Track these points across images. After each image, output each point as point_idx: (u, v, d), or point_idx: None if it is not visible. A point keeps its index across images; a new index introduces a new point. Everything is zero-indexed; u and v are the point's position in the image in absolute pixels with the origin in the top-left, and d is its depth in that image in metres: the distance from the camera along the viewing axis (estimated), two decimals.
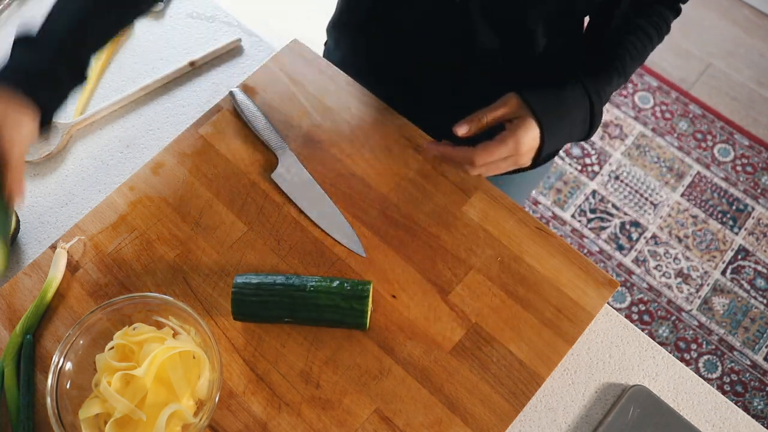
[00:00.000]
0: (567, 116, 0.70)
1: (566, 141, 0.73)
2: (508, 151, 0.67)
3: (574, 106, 0.70)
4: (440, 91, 0.85)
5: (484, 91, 0.79)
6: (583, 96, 0.70)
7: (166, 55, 0.93)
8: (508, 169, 0.69)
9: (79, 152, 0.86)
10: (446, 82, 0.83)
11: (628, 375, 0.73)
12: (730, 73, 2.09)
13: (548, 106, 0.69)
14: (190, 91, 0.90)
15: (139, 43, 0.94)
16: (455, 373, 0.70)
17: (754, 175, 1.93)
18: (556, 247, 0.77)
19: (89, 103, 0.89)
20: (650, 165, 1.94)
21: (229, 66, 0.92)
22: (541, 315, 0.73)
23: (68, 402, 0.63)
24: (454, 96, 0.84)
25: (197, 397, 0.65)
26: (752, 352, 1.69)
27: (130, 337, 0.65)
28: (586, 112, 0.71)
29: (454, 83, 0.83)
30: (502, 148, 0.67)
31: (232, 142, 0.83)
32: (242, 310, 0.69)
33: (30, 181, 0.83)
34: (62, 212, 0.81)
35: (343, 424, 0.68)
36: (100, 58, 0.91)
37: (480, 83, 0.80)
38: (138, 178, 0.80)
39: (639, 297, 1.76)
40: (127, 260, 0.75)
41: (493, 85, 0.77)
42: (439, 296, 0.74)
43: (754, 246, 1.83)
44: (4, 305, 0.73)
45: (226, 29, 0.95)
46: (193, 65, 0.91)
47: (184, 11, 0.96)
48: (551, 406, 0.71)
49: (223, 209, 0.78)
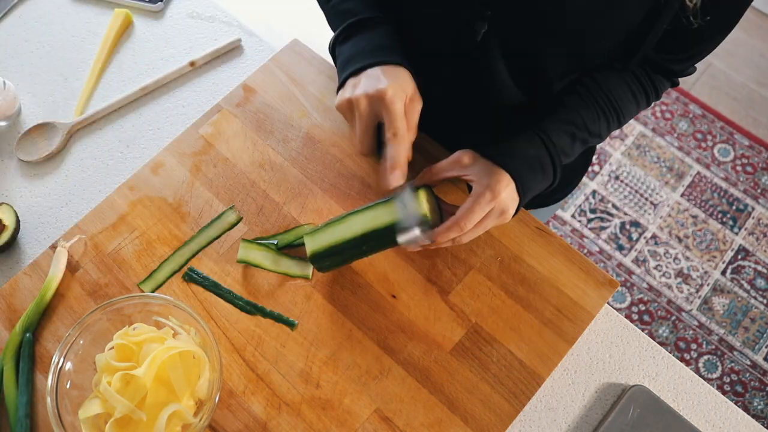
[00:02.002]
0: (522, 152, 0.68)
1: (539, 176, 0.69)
2: (486, 201, 0.65)
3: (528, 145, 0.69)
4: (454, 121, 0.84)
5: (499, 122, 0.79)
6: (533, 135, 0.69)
7: (166, 55, 0.93)
8: (495, 223, 0.67)
9: (79, 152, 0.86)
10: (461, 113, 0.82)
11: (628, 375, 0.73)
12: (730, 73, 2.09)
13: (503, 148, 0.68)
14: (190, 91, 0.90)
15: (139, 43, 0.94)
16: (455, 373, 0.70)
17: (754, 175, 1.93)
18: (556, 247, 0.77)
19: (89, 103, 0.89)
20: (650, 165, 1.94)
21: (229, 66, 0.92)
22: (541, 315, 0.73)
23: (68, 402, 0.63)
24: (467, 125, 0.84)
25: (197, 397, 0.65)
26: (752, 352, 1.69)
27: (130, 337, 0.65)
28: (541, 149, 0.69)
29: (468, 115, 0.82)
30: (480, 200, 0.65)
31: (232, 142, 0.83)
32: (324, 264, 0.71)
33: (30, 181, 0.83)
34: (62, 212, 0.81)
35: (343, 424, 0.68)
36: (100, 59, 0.91)
37: (496, 116, 0.80)
38: (138, 178, 0.80)
39: (639, 297, 1.76)
40: (127, 260, 0.75)
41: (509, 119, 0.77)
42: (439, 296, 0.74)
43: (754, 246, 1.83)
44: (3, 305, 0.73)
45: (226, 29, 0.95)
46: (193, 65, 0.91)
47: (184, 11, 0.96)
48: (551, 406, 0.71)
49: (222, 209, 0.78)
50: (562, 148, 0.70)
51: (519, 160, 0.67)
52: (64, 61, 0.92)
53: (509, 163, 0.67)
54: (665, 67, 0.72)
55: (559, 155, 0.70)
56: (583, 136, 0.71)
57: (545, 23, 0.65)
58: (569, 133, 0.70)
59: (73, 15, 0.96)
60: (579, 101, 0.71)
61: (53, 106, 0.89)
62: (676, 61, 0.71)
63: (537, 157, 0.69)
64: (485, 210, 0.65)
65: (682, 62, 0.72)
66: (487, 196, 0.65)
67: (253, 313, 0.73)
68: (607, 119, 0.72)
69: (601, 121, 0.72)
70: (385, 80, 0.66)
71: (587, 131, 0.71)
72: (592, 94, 0.71)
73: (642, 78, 0.73)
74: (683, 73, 0.74)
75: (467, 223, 0.65)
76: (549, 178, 0.70)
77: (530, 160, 0.68)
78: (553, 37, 0.66)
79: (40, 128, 0.86)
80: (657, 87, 0.74)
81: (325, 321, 0.72)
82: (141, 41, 0.94)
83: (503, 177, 0.66)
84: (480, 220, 0.66)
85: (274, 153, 0.82)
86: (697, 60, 0.71)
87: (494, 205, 0.66)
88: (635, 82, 0.73)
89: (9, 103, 0.86)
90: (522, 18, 0.65)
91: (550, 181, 0.71)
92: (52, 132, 0.86)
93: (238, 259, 0.75)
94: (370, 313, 0.73)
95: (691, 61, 0.71)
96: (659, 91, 0.75)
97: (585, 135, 0.71)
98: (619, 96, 0.72)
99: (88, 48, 0.93)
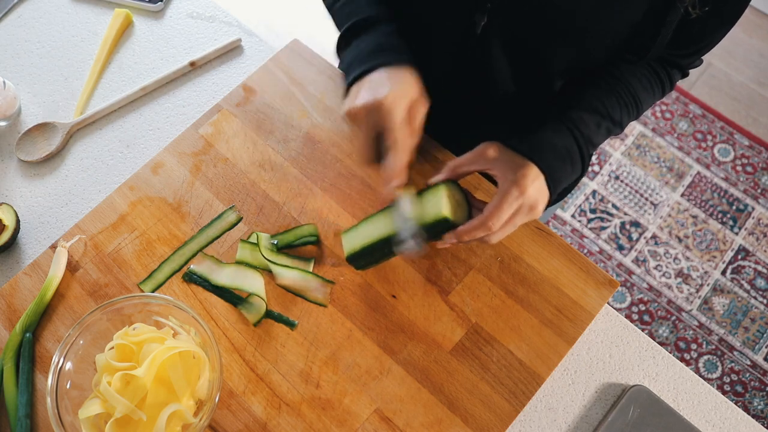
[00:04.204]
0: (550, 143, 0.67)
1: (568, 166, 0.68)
2: (514, 198, 0.62)
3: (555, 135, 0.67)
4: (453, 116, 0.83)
5: (498, 119, 0.78)
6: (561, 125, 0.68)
7: (166, 55, 0.93)
8: (525, 219, 0.65)
9: (79, 152, 0.86)
10: (460, 108, 0.82)
11: (628, 375, 0.73)
12: (730, 73, 2.09)
13: (529, 139, 0.66)
14: (190, 91, 0.90)
15: (139, 43, 0.94)
16: (455, 373, 0.70)
17: (754, 175, 1.93)
18: (556, 247, 0.77)
19: (89, 103, 0.89)
20: (650, 165, 1.94)
21: (229, 66, 0.92)
22: (541, 315, 0.73)
23: (68, 402, 0.63)
24: (466, 121, 0.84)
25: (197, 397, 0.65)
26: (752, 352, 1.69)
27: (130, 337, 0.65)
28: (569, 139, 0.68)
29: (468, 110, 0.82)
30: (507, 197, 0.62)
31: (232, 142, 0.83)
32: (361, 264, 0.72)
33: (30, 181, 0.84)
34: (62, 212, 0.81)
35: (343, 424, 0.68)
36: (100, 59, 0.91)
37: (494, 112, 0.79)
38: (138, 178, 0.80)
39: (639, 297, 1.76)
40: (127, 260, 0.75)
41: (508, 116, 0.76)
42: (439, 296, 0.74)
43: (754, 246, 1.83)
44: (3, 305, 0.73)
45: (226, 29, 0.95)
46: (193, 65, 0.91)
47: (184, 11, 0.96)
48: (551, 406, 0.71)
49: (222, 209, 0.78)
50: (589, 138, 0.68)
51: (547, 152, 0.65)
52: (64, 61, 0.92)
53: (537, 155, 0.64)
54: (674, 62, 0.73)
55: (587, 145, 0.68)
56: (608, 125, 0.70)
57: (545, 15, 0.64)
58: (595, 123, 0.69)
59: (73, 15, 0.96)
60: (600, 91, 0.71)
61: (53, 106, 0.89)
62: (684, 56, 0.72)
63: (566, 148, 0.67)
64: (513, 207, 0.63)
65: (690, 56, 0.72)
66: (514, 193, 0.63)
67: (252, 312, 0.73)
68: (627, 109, 0.72)
69: (622, 110, 0.71)
70: (385, 87, 0.64)
71: (611, 120, 0.70)
72: (611, 83, 0.71)
73: (657, 69, 0.73)
74: (692, 65, 0.75)
75: (495, 222, 0.62)
76: (578, 170, 0.69)
77: (559, 152, 0.66)
78: (552, 30, 0.65)
79: (40, 128, 0.86)
80: (671, 78, 0.74)
81: (325, 321, 0.72)
82: (141, 41, 0.94)
83: (530, 171, 0.63)
84: (509, 217, 0.63)
85: (274, 153, 0.82)
86: (705, 53, 0.71)
87: (522, 202, 0.63)
88: (651, 73, 0.73)
89: (9, 103, 0.86)
90: (522, 10, 0.64)
91: (579, 172, 0.69)
92: (52, 132, 0.86)
93: (237, 259, 0.75)
94: (370, 313, 0.73)
95: (699, 54, 0.72)
96: (673, 82, 0.75)
97: (609, 124, 0.70)
98: (637, 86, 0.72)
99: (88, 48, 0.93)
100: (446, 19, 0.69)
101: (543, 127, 0.68)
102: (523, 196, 0.63)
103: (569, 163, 0.67)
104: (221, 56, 0.93)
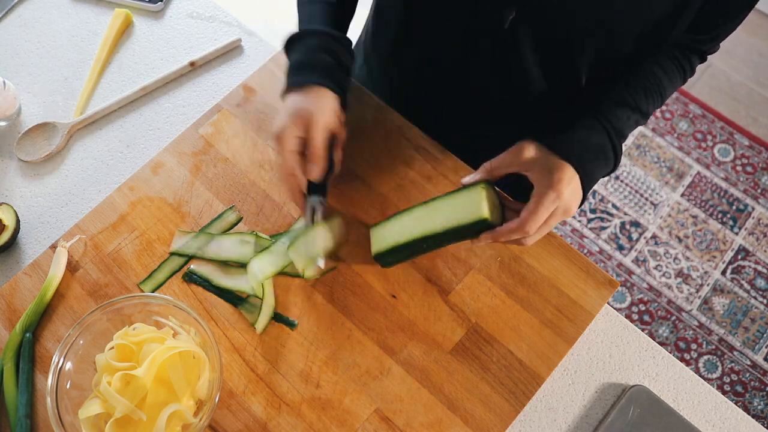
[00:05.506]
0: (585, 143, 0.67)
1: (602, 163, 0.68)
2: (551, 201, 0.62)
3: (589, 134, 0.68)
4: (470, 116, 0.83)
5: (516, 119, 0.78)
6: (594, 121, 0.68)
7: (166, 55, 0.93)
8: (559, 221, 0.65)
9: (79, 152, 0.86)
10: (478, 106, 0.81)
11: (628, 375, 0.73)
12: (730, 73, 2.09)
13: (565, 139, 0.66)
14: (190, 91, 0.90)
15: (139, 43, 0.94)
16: (455, 373, 0.70)
17: (754, 175, 1.93)
18: (556, 247, 0.77)
19: (89, 103, 0.89)
20: (650, 165, 1.94)
21: (229, 66, 0.92)
22: (541, 315, 0.73)
23: (68, 402, 0.63)
24: (482, 121, 0.83)
25: (197, 397, 0.65)
26: (752, 352, 1.69)
27: (130, 337, 0.65)
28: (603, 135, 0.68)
29: (485, 109, 0.81)
30: (544, 201, 0.62)
31: (232, 142, 0.83)
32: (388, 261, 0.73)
33: (30, 181, 0.83)
34: (62, 212, 0.81)
35: (343, 424, 0.68)
36: (100, 59, 0.91)
37: (514, 111, 0.79)
38: (138, 178, 0.80)
39: (639, 297, 1.76)
40: (127, 260, 0.75)
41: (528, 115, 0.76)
42: (439, 296, 0.74)
43: (754, 246, 1.83)
44: (3, 305, 0.73)
45: (226, 29, 0.95)
46: (193, 65, 0.91)
47: (184, 11, 0.96)
48: (551, 406, 0.71)
49: (222, 209, 0.78)
50: (621, 131, 0.69)
51: (583, 152, 0.65)
52: (64, 61, 0.92)
53: (573, 156, 0.64)
54: (694, 47, 0.73)
55: (619, 139, 0.68)
56: (636, 117, 0.70)
57: (575, 6, 0.63)
58: (626, 116, 0.69)
59: (73, 15, 0.96)
60: (628, 83, 0.71)
61: (53, 106, 0.89)
62: (704, 41, 0.72)
63: (600, 145, 0.67)
64: (549, 210, 0.63)
65: (710, 42, 0.73)
66: (551, 196, 0.63)
67: (253, 312, 0.73)
68: (653, 98, 0.72)
69: (649, 101, 0.71)
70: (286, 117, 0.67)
71: (639, 111, 0.70)
72: (638, 75, 0.71)
73: (679, 56, 0.73)
74: (711, 50, 0.75)
75: (532, 226, 0.63)
76: (610, 164, 0.69)
77: (593, 149, 0.66)
78: (582, 21, 0.65)
79: (40, 128, 0.86)
80: (692, 63, 0.75)
81: (325, 321, 0.72)
82: (141, 41, 0.94)
83: (566, 173, 0.63)
84: (547, 219, 0.64)
85: (274, 153, 0.82)
86: (723, 38, 0.72)
87: (558, 204, 0.63)
88: (673, 60, 0.73)
89: (9, 103, 0.86)
90: (549, 3, 0.64)
91: (611, 166, 0.69)
92: (52, 132, 0.86)
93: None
94: (370, 313, 0.73)
95: (718, 39, 0.73)
96: (693, 67, 0.75)
97: (638, 116, 0.70)
98: (662, 76, 0.72)
99: (88, 48, 0.93)
100: (474, 14, 0.68)
101: (577, 124, 0.68)
102: (560, 200, 0.63)
103: (603, 160, 0.68)
104: (221, 56, 0.93)
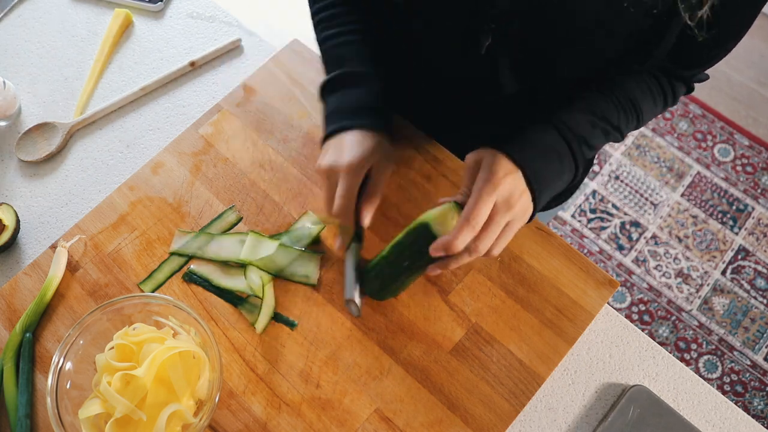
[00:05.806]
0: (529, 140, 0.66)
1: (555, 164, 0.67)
2: (488, 192, 0.61)
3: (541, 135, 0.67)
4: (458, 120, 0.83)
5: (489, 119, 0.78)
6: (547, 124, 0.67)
7: (166, 55, 0.93)
8: (507, 219, 0.63)
9: (79, 152, 0.86)
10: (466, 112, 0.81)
11: (628, 375, 0.73)
12: (730, 73, 2.09)
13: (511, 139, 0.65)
14: (190, 91, 0.90)
15: (139, 43, 0.94)
16: (455, 373, 0.70)
17: (754, 175, 1.93)
18: (556, 247, 0.77)
19: (89, 103, 0.89)
20: (650, 165, 1.94)
21: (229, 66, 0.92)
22: (541, 315, 0.73)
23: (68, 402, 0.63)
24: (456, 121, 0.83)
25: (197, 397, 0.65)
26: (752, 352, 1.69)
27: (130, 337, 0.65)
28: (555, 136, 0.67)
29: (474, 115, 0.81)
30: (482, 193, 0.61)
31: (232, 142, 0.83)
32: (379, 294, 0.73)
33: (30, 181, 0.84)
34: (62, 212, 0.81)
35: (343, 424, 0.68)
36: (100, 59, 0.91)
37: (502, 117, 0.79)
38: (138, 178, 0.80)
39: (639, 297, 1.76)
40: (127, 260, 0.75)
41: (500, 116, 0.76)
42: (439, 296, 0.74)
43: (754, 246, 1.83)
44: (3, 305, 0.73)
45: (226, 29, 0.95)
46: (193, 65, 0.91)
47: (184, 11, 0.96)
48: (551, 406, 0.71)
49: (222, 209, 0.78)
50: (581, 135, 0.67)
51: (528, 149, 0.64)
52: (64, 61, 0.92)
53: (515, 151, 0.63)
54: (677, 74, 0.72)
55: (579, 144, 0.67)
56: (604, 126, 0.69)
57: (553, 34, 0.63)
58: (589, 122, 0.68)
59: (73, 15, 0.96)
60: (596, 95, 0.70)
61: (53, 106, 0.89)
62: (686, 68, 0.71)
63: (551, 145, 0.66)
64: (488, 202, 0.61)
65: (692, 68, 0.71)
66: (486, 188, 0.61)
67: (254, 312, 0.73)
68: (626, 113, 0.70)
69: (620, 114, 0.70)
70: (348, 153, 0.68)
71: (607, 122, 0.69)
72: (609, 89, 0.70)
73: (660, 79, 0.72)
74: (694, 79, 0.73)
75: (476, 216, 0.61)
76: (570, 168, 0.67)
77: (542, 148, 0.65)
78: (559, 49, 0.65)
79: (40, 128, 0.86)
80: (675, 90, 0.73)
81: (325, 321, 0.72)
82: (141, 41, 0.94)
83: (503, 166, 0.62)
84: (491, 216, 0.62)
85: (274, 153, 0.82)
86: (707, 67, 0.70)
87: (498, 195, 0.62)
88: (654, 82, 0.72)
89: (9, 103, 0.86)
90: (527, 30, 0.64)
91: (573, 171, 0.68)
92: (52, 132, 0.86)
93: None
94: (370, 313, 0.73)
95: (701, 68, 0.71)
96: (676, 95, 0.74)
97: (605, 125, 0.69)
98: (637, 94, 0.70)
99: (88, 48, 0.93)
100: (451, 39, 0.68)
101: (530, 128, 0.67)
102: (498, 188, 0.61)
103: (556, 161, 0.66)
104: (221, 56, 0.93)
